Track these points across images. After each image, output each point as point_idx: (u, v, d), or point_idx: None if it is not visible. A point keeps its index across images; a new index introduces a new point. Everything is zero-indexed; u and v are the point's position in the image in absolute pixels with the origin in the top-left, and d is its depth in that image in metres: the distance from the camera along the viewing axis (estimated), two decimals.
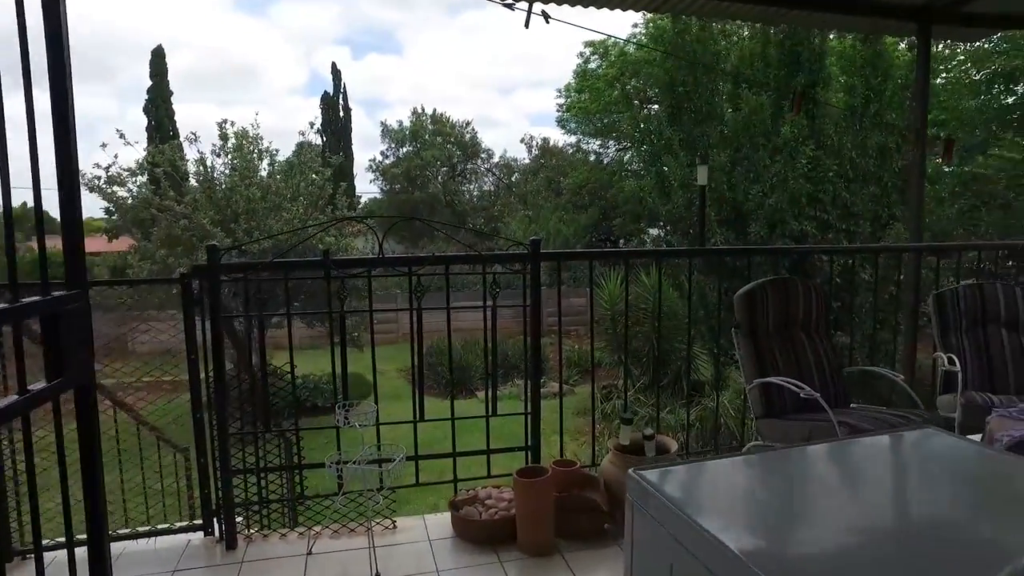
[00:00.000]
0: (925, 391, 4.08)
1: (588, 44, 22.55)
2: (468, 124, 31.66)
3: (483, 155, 32.43)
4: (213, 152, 10.07)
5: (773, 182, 7.94)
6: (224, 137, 9.91)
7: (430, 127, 31.10)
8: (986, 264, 9.66)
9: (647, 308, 12.84)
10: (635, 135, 16.32)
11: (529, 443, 3.08)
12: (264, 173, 10.70)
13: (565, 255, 3.11)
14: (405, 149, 31.64)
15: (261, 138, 10.47)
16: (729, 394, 6.05)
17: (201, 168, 9.96)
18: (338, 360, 2.99)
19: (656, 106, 11.13)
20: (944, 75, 9.98)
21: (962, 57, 10.70)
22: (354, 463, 2.68)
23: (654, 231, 24.52)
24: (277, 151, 10.75)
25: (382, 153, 33.24)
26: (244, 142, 10.02)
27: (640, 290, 13.02)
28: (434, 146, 30.26)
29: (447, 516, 2.90)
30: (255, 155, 10.31)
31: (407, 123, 31.64)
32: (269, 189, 10.02)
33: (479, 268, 3.17)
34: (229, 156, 9.90)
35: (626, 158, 24.89)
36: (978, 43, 10.62)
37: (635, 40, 21.09)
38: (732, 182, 8.40)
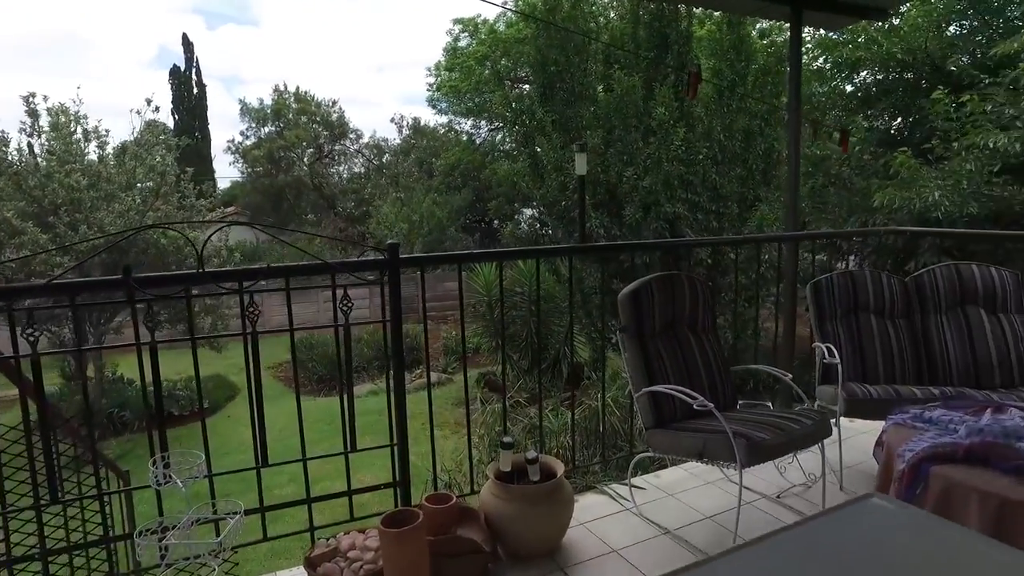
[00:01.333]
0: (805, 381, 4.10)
1: (457, 21, 22.00)
2: (335, 103, 30.10)
3: (351, 135, 31.00)
4: (23, 132, 8.63)
5: (647, 164, 7.91)
6: (33, 114, 8.49)
7: (294, 105, 29.26)
8: (843, 246, 10.34)
9: (524, 292, 12.74)
10: (507, 115, 16.09)
11: (397, 478, 2.66)
12: (94, 157, 9.36)
13: (429, 259, 2.66)
14: (267, 129, 29.59)
15: (85, 116, 9.12)
16: (613, 390, 5.91)
17: (2, 150, 8.48)
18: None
19: (527, 86, 10.86)
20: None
21: (810, 45, 11.26)
22: (176, 529, 2.15)
23: (529, 211, 24.61)
24: (107, 132, 9.41)
25: (242, 133, 30.89)
26: (62, 120, 8.64)
27: (515, 274, 12.88)
28: (298, 126, 28.53)
29: None
30: (79, 136, 8.95)
31: (268, 101, 29.54)
32: (100, 176, 8.75)
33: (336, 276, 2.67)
34: (43, 137, 8.51)
35: (498, 139, 24.70)
36: (820, 32, 11.23)
37: (506, 17, 20.81)
38: (606, 164, 8.29)
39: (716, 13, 9.22)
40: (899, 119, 10.61)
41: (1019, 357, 3.45)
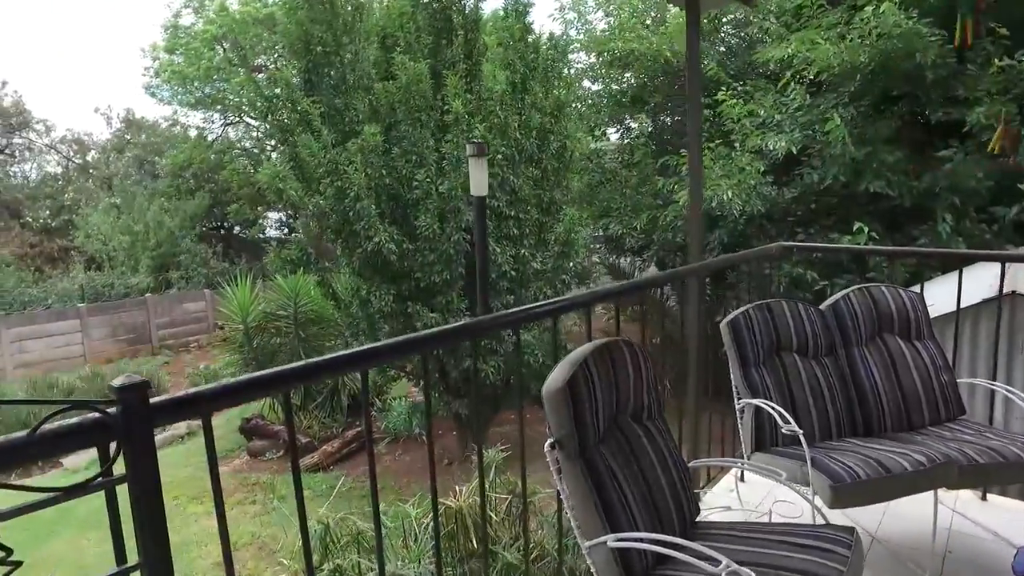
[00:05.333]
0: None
1: None
2: (5, 84, 24.06)
3: (38, 126, 25.12)
4: None
5: (443, 165, 6.79)
6: None
7: None
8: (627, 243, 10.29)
9: (288, 316, 10.83)
10: (255, 104, 13.77)
11: None
12: None
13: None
14: None
15: None
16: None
17: None
18: None
19: (279, 71, 9.04)
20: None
21: (577, 45, 11.11)
22: None
23: (275, 215, 22.01)
24: None
25: None
26: None
27: (277, 295, 10.91)
28: None
29: None
30: None
31: None
32: None
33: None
34: None
35: (236, 135, 21.74)
36: (592, 28, 11.15)
37: None
38: (391, 165, 7.00)
39: None
40: (670, 118, 10.92)
41: (940, 388, 3.01)
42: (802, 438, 2.35)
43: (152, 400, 1.01)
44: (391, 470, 8.35)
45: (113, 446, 0.99)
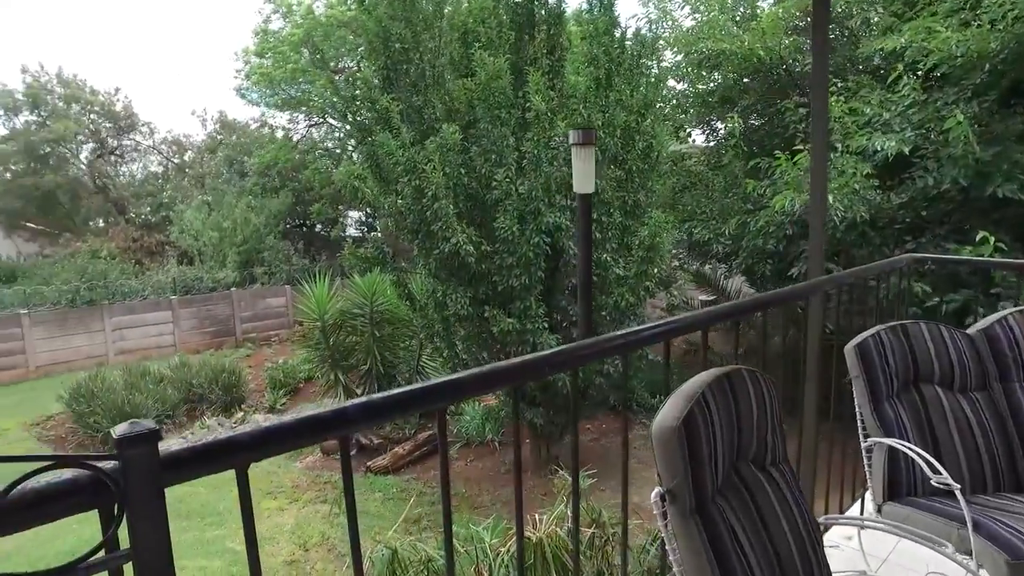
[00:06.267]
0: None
1: (269, 0, 19.27)
2: (118, 91, 25.56)
3: (143, 129, 26.55)
4: None
5: (523, 164, 6.54)
6: None
7: (58, 91, 24.29)
8: (720, 250, 9.76)
9: (364, 315, 10.84)
10: (336, 104, 13.97)
11: None
12: None
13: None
14: (24, 118, 24.27)
15: None
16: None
17: None
18: None
19: (360, 70, 9.02)
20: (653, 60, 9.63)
21: (663, 43, 10.63)
22: None
23: (355, 214, 22.39)
24: None
25: None
26: None
27: (354, 293, 10.94)
28: (68, 116, 23.75)
29: None
30: None
31: (20, 85, 24.07)
32: None
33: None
34: None
35: (319, 135, 22.26)
36: (682, 26, 10.65)
37: None
38: (470, 164, 6.81)
39: None
40: (760, 120, 10.30)
41: None
42: (959, 494, 1.94)
43: (167, 451, 0.77)
44: (462, 476, 8.17)
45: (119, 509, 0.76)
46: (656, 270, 7.24)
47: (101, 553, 0.77)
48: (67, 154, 24.62)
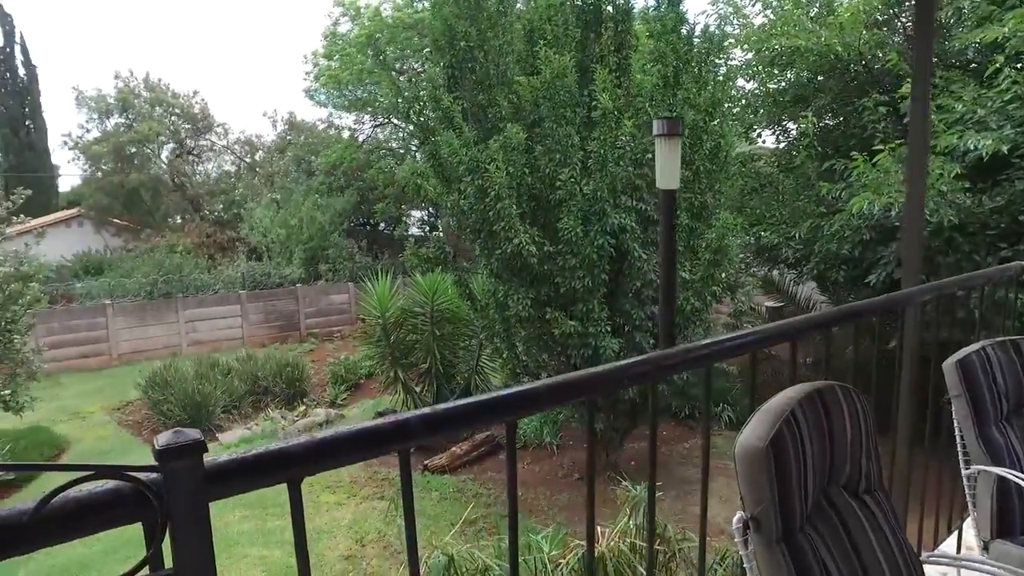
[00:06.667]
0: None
1: (338, 3, 19.68)
2: (196, 93, 26.65)
3: (218, 130, 27.61)
4: None
5: (588, 164, 6.41)
6: None
7: (144, 94, 25.51)
8: (787, 254, 9.38)
9: (424, 313, 10.90)
10: (399, 104, 14.14)
11: None
12: None
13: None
14: (113, 121, 25.62)
15: None
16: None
17: None
18: None
19: (425, 68, 9.05)
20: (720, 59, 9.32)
21: (732, 41, 10.27)
22: None
23: (418, 213, 22.63)
24: None
25: (81, 126, 26.67)
26: None
27: (415, 292, 11.01)
28: (152, 118, 24.90)
29: None
30: None
31: (111, 90, 25.49)
32: None
33: None
34: None
35: (384, 135, 22.61)
36: (753, 23, 10.28)
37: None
38: (534, 164, 6.73)
39: None
40: (835, 119, 9.85)
41: None
42: None
43: (213, 463, 0.71)
44: (519, 479, 8.00)
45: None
46: (724, 274, 6.98)
47: (145, 570, 0.71)
48: (150, 154, 25.83)
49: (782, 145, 10.81)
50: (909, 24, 9.48)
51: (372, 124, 22.37)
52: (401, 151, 21.54)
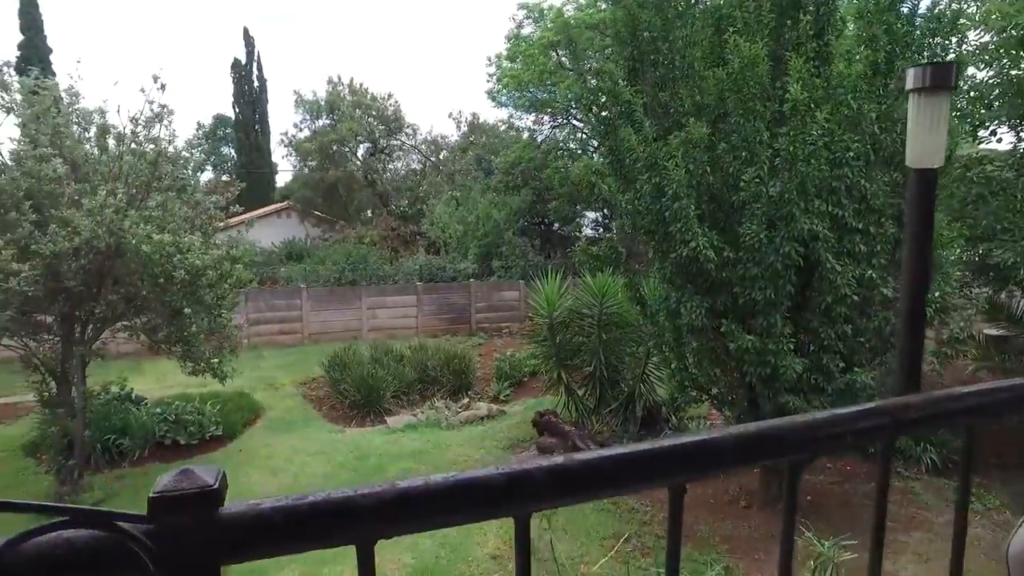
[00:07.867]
0: None
1: (522, 6, 20.09)
2: (390, 96, 28.70)
3: (407, 130, 29.54)
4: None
5: (776, 163, 5.81)
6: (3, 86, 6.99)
7: (348, 98, 27.96)
8: None
9: (592, 316, 10.66)
10: (581, 100, 14.00)
11: None
12: (91, 147, 7.87)
13: None
14: (321, 122, 28.43)
15: (77, 94, 7.60)
16: None
17: None
18: None
19: (606, 61, 8.80)
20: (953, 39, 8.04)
21: (968, 20, 8.85)
22: None
23: (592, 214, 22.49)
24: (105, 113, 7.86)
25: (295, 126, 29.96)
26: (44, 95, 7.12)
27: (584, 293, 10.81)
28: (352, 119, 27.20)
29: None
30: (66, 118, 7.43)
31: (323, 94, 28.34)
32: (86, 163, 7.21)
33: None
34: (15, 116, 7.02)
35: (561, 136, 22.73)
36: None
37: (577, 1, 18.77)
38: (716, 162, 6.23)
39: None
40: None
41: None
42: None
43: (233, 513, 0.52)
44: None
45: None
46: (937, 293, 6.00)
47: None
48: (348, 152, 28.26)
49: (1020, 145, 9.16)
50: None
51: (551, 125, 22.61)
52: (579, 151, 21.54)
